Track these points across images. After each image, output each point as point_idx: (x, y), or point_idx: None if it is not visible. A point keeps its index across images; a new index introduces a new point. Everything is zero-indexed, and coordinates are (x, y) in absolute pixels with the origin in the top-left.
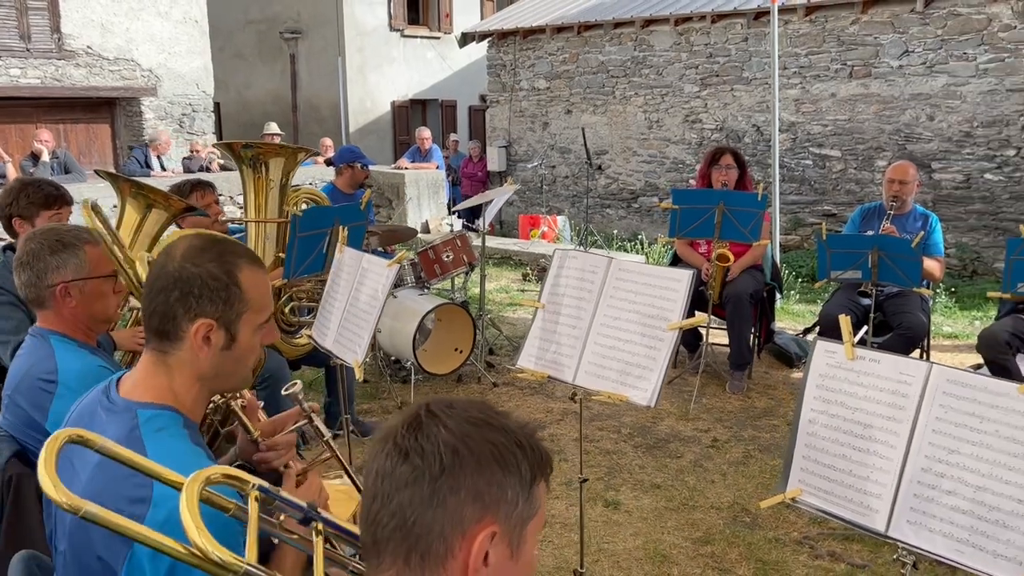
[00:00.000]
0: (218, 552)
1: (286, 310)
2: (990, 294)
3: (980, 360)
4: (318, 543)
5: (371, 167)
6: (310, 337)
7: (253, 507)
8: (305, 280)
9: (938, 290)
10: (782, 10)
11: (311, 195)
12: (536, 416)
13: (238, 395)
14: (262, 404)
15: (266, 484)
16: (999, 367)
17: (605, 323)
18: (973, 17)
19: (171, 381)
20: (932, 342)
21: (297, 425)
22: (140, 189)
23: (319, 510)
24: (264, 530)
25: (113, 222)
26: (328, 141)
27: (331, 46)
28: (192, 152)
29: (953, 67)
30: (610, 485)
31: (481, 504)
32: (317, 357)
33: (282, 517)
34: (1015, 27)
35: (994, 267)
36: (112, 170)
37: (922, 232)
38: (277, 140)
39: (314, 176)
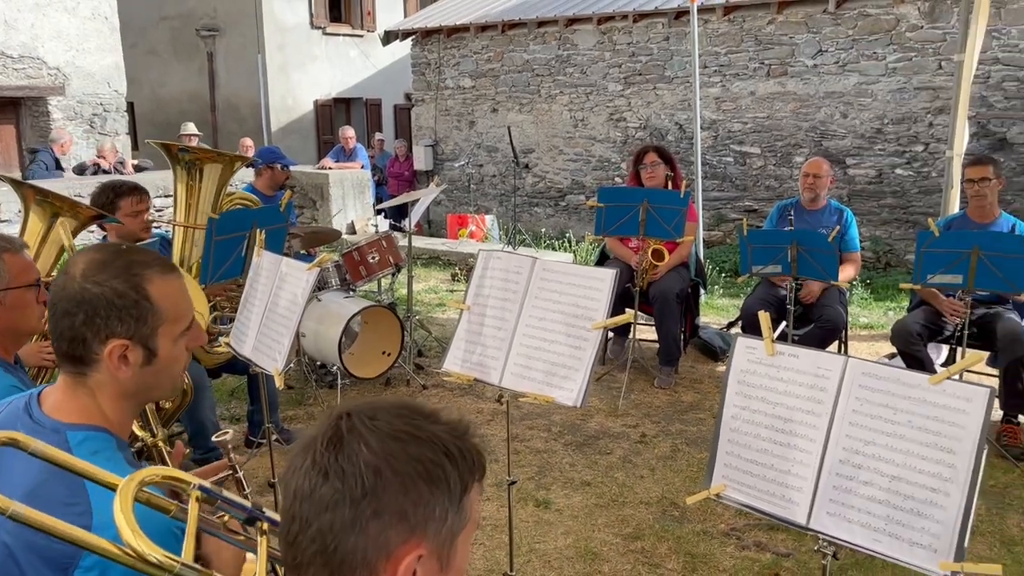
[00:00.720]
0: (152, 552)
1: (208, 319)
2: (902, 285)
3: (894, 350)
4: (262, 543)
5: (294, 167)
6: (228, 344)
7: (193, 507)
8: (229, 286)
9: (855, 282)
10: (701, 10)
11: (244, 200)
12: (466, 418)
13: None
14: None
15: (207, 484)
16: (912, 357)
17: (530, 324)
18: (882, 18)
19: (96, 402)
20: (850, 332)
21: (220, 476)
22: (45, 196)
23: (264, 509)
24: (208, 530)
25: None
26: (248, 141)
27: (250, 44)
28: (98, 156)
29: (864, 66)
30: (541, 484)
31: (407, 525)
32: (238, 364)
33: (226, 517)
34: (922, 27)
35: (906, 259)
36: (17, 174)
37: (838, 227)
38: (195, 141)
39: (235, 178)
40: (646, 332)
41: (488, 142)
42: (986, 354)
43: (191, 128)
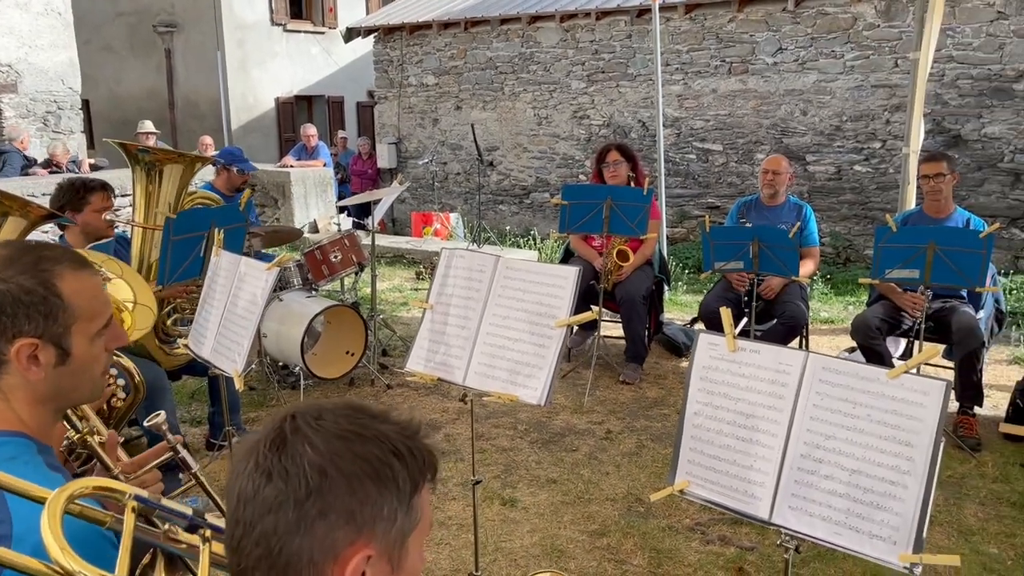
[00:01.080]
0: (84, 571)
1: (168, 321)
2: (861, 280)
3: (854, 344)
4: (205, 550)
5: (254, 167)
6: (186, 347)
7: (129, 518)
8: (188, 287)
9: (815, 277)
10: (663, 8)
11: (205, 199)
12: (432, 416)
13: (96, 432)
14: (134, 434)
15: (144, 493)
16: (871, 350)
17: (494, 323)
18: (840, 16)
19: (10, 406)
20: (810, 327)
21: (162, 459)
22: None
23: (206, 516)
24: (147, 540)
25: None
26: (208, 139)
27: (209, 40)
28: (50, 156)
29: (823, 64)
30: (507, 483)
31: (354, 526)
32: (198, 366)
33: (166, 526)
34: (878, 26)
35: (864, 254)
36: None
37: (798, 223)
38: (152, 139)
39: (196, 176)
40: (610, 329)
41: (452, 140)
42: (942, 347)
43: (149, 126)
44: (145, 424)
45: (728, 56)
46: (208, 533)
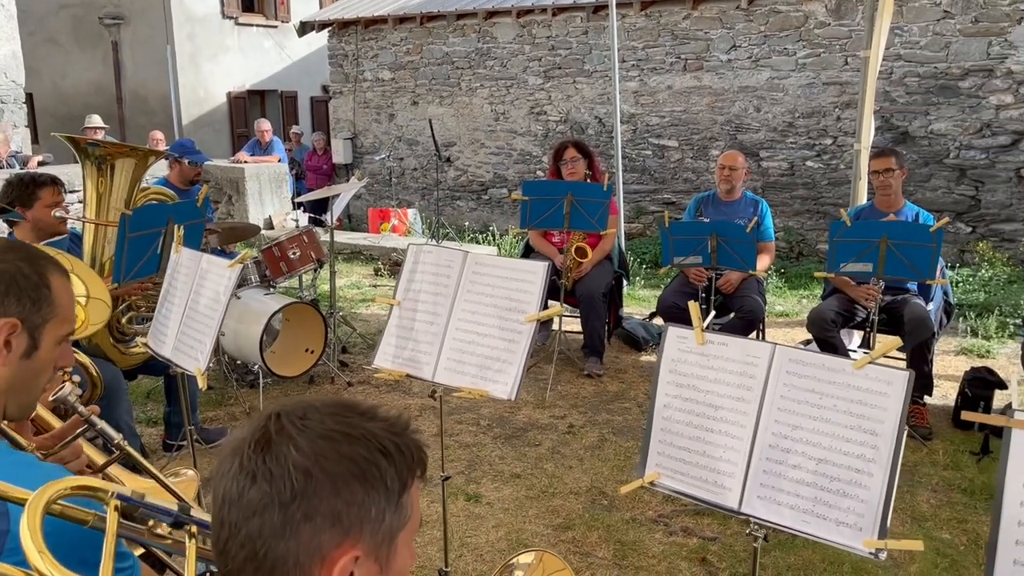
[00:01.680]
0: None
1: (123, 319)
2: (816, 274)
3: (809, 336)
4: (191, 546)
5: (207, 158)
6: (145, 345)
7: (112, 517)
8: (144, 284)
9: (770, 272)
10: (619, 4)
11: (159, 195)
12: (406, 414)
13: None
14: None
15: (127, 491)
16: (826, 343)
17: (463, 318)
18: (791, 14)
19: None
20: (766, 320)
21: (79, 432)
22: None
23: (191, 512)
24: (131, 538)
25: None
26: (159, 134)
27: (158, 33)
28: None
29: (776, 61)
30: (471, 478)
31: (340, 528)
32: (155, 365)
33: (151, 523)
34: (829, 24)
35: (817, 248)
36: None
37: (755, 218)
38: (100, 134)
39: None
40: (571, 324)
41: (408, 135)
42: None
43: (96, 121)
44: (51, 398)
45: (683, 53)
46: (194, 529)
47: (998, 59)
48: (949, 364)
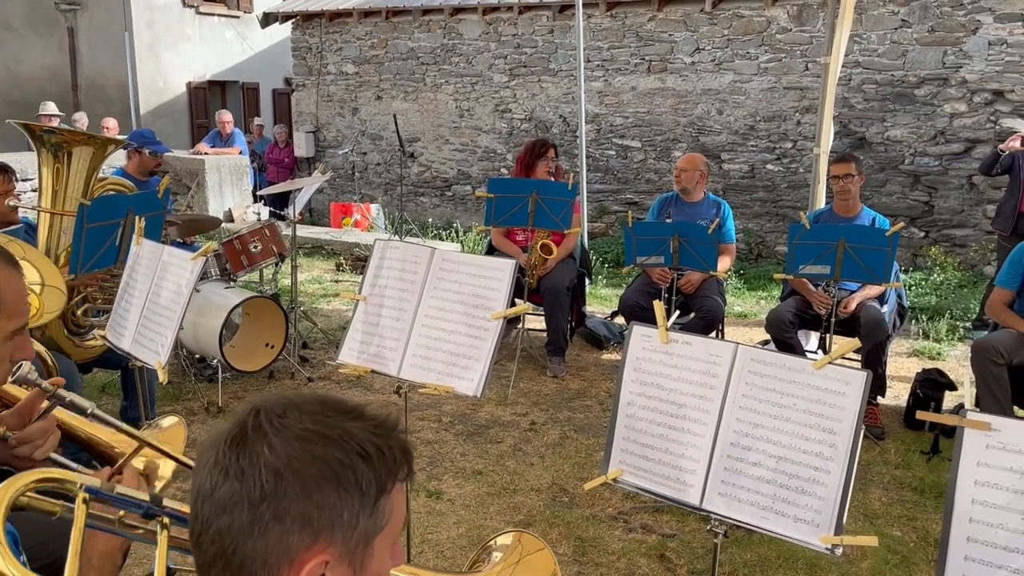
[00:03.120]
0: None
1: (78, 311)
2: (775, 276)
3: (768, 337)
4: (163, 537)
5: (167, 149)
6: (103, 338)
7: (81, 510)
8: (102, 276)
9: (730, 273)
10: (585, 4)
11: (117, 186)
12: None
13: None
14: None
15: (96, 484)
16: (784, 343)
17: (429, 314)
18: (754, 19)
19: None
20: (725, 320)
21: (49, 407)
22: None
23: (163, 503)
24: (103, 528)
25: None
26: (111, 122)
27: (116, 20)
28: None
29: (738, 65)
30: (432, 475)
31: (310, 531)
32: (112, 358)
33: (121, 513)
34: (791, 30)
35: (776, 250)
36: None
37: (717, 219)
38: (55, 121)
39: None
40: (534, 322)
41: (372, 130)
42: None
43: (52, 108)
44: (10, 379)
45: (648, 54)
46: (166, 520)
47: (953, 68)
48: (902, 365)
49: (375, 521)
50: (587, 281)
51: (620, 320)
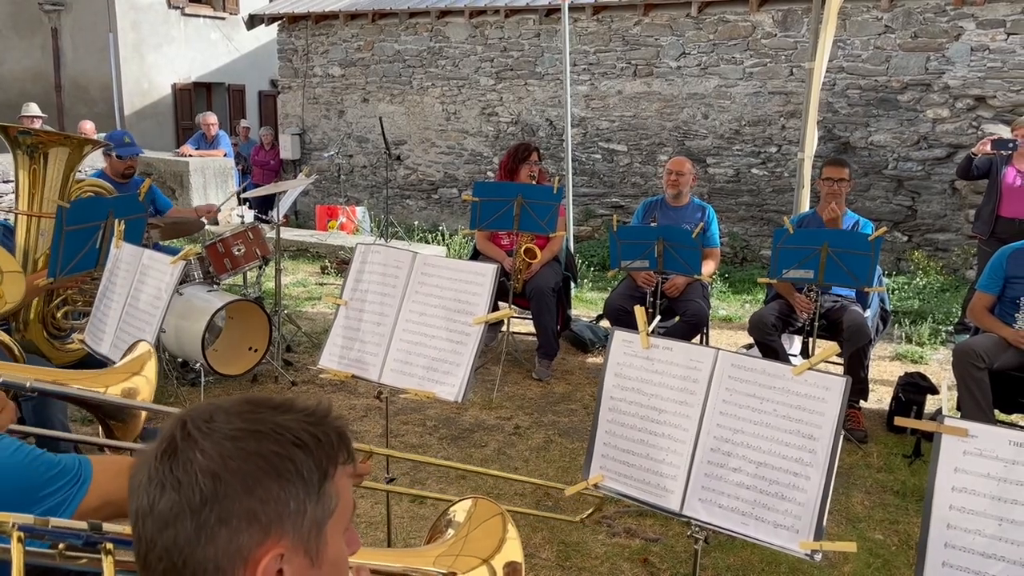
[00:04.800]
0: None
1: (58, 314)
2: (760, 279)
3: (752, 340)
4: (108, 563)
5: (138, 151)
6: (82, 342)
7: (17, 549)
8: (82, 279)
9: (714, 276)
10: (571, 8)
11: (96, 187)
12: (339, 414)
13: None
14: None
15: (29, 520)
16: (767, 347)
17: (411, 319)
18: (740, 24)
19: None
20: (710, 324)
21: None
22: None
23: (104, 528)
24: (42, 564)
25: None
26: (88, 125)
27: (100, 21)
28: None
29: (724, 69)
30: (416, 480)
31: (259, 527)
32: (91, 362)
33: (61, 546)
34: (775, 35)
35: (761, 254)
36: None
37: (702, 223)
38: (38, 123)
39: (85, 163)
40: (519, 325)
41: (358, 132)
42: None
43: (34, 109)
44: None
45: (633, 58)
46: (109, 546)
47: (935, 74)
48: (884, 369)
49: (323, 507)
50: (572, 284)
51: (605, 324)
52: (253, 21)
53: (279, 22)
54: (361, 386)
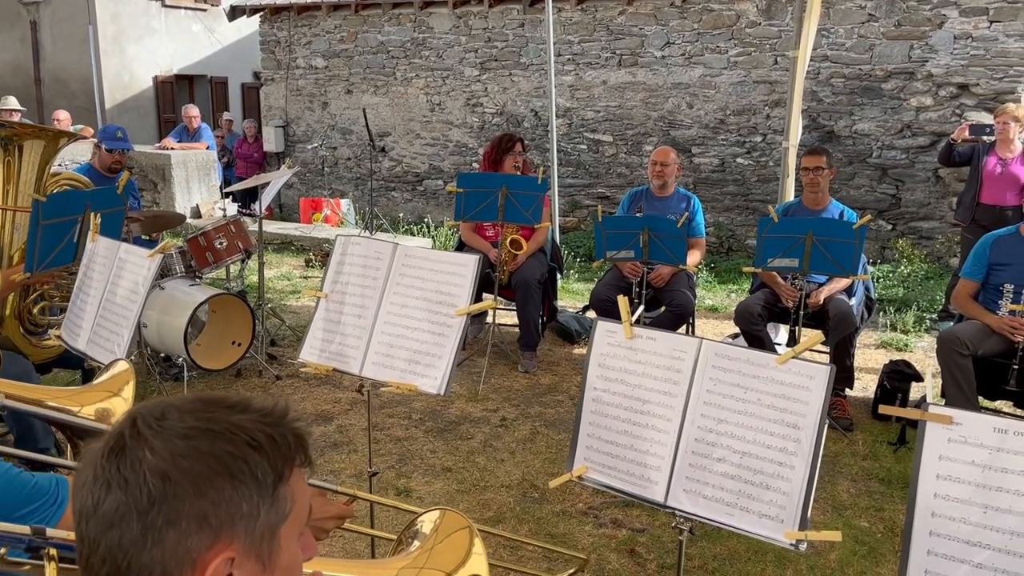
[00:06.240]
0: None
1: (35, 310)
2: (745, 269)
3: (738, 330)
4: (50, 569)
5: (128, 146)
6: (59, 337)
7: None
8: (59, 274)
9: (700, 266)
10: None
11: (72, 180)
12: (324, 407)
13: None
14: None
15: None
16: (753, 336)
17: (392, 311)
18: (724, 13)
19: None
20: (696, 314)
21: None
22: None
23: (47, 533)
24: None
25: None
26: (63, 114)
27: (79, 13)
28: None
29: (708, 59)
30: (401, 472)
31: (209, 529)
32: (70, 358)
33: (2, 551)
34: (760, 24)
35: (746, 243)
36: None
37: (687, 213)
38: (17, 116)
39: (68, 156)
40: (505, 317)
41: (342, 124)
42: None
43: (13, 102)
44: None
45: (618, 48)
46: (52, 552)
47: (919, 62)
48: (869, 357)
49: (277, 510)
50: (558, 275)
51: (591, 314)
52: (235, 12)
53: (261, 13)
54: (346, 380)
